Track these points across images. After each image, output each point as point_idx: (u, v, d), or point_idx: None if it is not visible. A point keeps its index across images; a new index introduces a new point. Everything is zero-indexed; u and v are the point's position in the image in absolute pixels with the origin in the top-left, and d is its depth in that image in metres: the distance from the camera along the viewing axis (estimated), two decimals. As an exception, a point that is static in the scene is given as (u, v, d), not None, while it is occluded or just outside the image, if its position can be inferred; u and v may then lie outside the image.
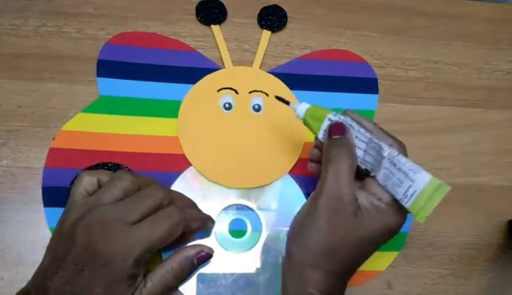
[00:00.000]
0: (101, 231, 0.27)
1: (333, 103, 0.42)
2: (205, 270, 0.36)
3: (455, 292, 0.40)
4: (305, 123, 0.32)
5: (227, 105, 0.40)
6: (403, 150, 0.29)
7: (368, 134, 0.29)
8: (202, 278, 0.36)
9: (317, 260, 0.28)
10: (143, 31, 0.41)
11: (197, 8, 0.43)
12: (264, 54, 0.43)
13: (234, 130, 0.40)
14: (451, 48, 0.47)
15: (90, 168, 0.37)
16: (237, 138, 0.40)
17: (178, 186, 0.38)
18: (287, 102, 0.33)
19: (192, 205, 0.35)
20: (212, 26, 0.43)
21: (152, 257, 0.30)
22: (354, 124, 0.30)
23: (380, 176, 0.28)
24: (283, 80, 0.42)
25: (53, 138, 0.37)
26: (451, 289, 0.40)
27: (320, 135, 0.31)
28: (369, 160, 0.29)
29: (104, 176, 0.31)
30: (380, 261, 0.40)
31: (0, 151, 0.37)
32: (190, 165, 0.38)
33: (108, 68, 0.40)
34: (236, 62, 0.42)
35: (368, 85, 0.44)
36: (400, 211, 0.28)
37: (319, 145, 0.33)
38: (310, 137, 0.41)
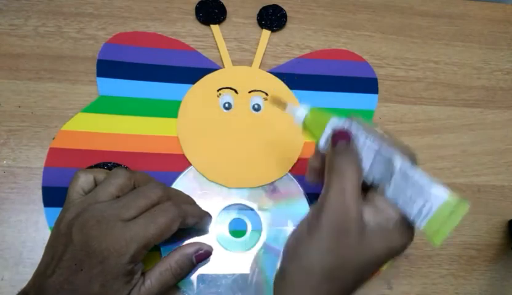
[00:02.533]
0: (97, 228, 0.27)
1: (333, 103, 0.42)
2: (205, 270, 0.36)
3: (455, 292, 0.40)
4: (305, 128, 0.29)
5: (227, 105, 0.40)
6: (414, 160, 0.26)
7: (377, 143, 0.25)
8: (202, 278, 0.36)
9: (318, 283, 0.25)
10: (143, 31, 0.41)
11: (196, 8, 0.43)
12: (264, 54, 0.43)
13: (234, 130, 0.40)
14: (451, 48, 0.47)
15: (90, 168, 0.37)
16: (237, 138, 0.40)
17: (178, 186, 0.38)
18: (284, 106, 0.30)
19: (190, 202, 0.35)
20: (211, 25, 0.43)
21: (151, 254, 0.29)
22: (360, 131, 0.26)
23: (390, 190, 0.25)
24: (283, 80, 0.42)
25: (53, 138, 0.37)
26: (451, 289, 0.40)
27: (322, 143, 0.28)
28: (377, 171, 0.26)
29: (100, 174, 0.31)
30: (380, 261, 0.39)
31: (0, 151, 0.37)
32: (190, 164, 0.38)
33: (107, 68, 0.40)
34: (236, 62, 0.42)
35: (368, 85, 0.43)
36: (408, 231, 0.25)
37: (320, 153, 0.29)
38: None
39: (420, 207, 0.23)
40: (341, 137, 0.26)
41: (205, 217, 0.35)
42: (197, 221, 0.34)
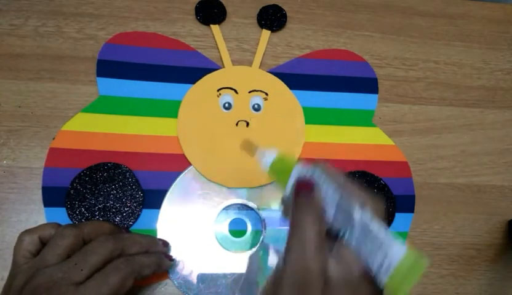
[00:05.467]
0: None
1: (333, 103, 0.42)
2: (205, 270, 0.36)
3: (455, 292, 0.40)
4: (272, 176, 0.28)
5: (227, 105, 0.40)
6: (378, 208, 0.25)
7: (338, 193, 0.24)
8: (202, 278, 0.36)
9: None
10: (143, 31, 0.41)
11: (196, 8, 0.43)
12: (264, 54, 0.43)
13: (234, 130, 0.40)
14: (451, 48, 0.47)
15: (91, 168, 0.37)
16: (237, 138, 0.40)
17: (178, 186, 0.38)
18: (254, 152, 0.29)
19: (148, 245, 0.33)
20: (211, 25, 0.43)
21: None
22: (323, 179, 0.25)
23: (352, 241, 0.24)
24: (283, 80, 0.42)
25: (53, 138, 0.37)
26: (451, 289, 0.40)
27: (288, 192, 0.26)
28: (340, 222, 0.24)
29: (45, 230, 0.30)
30: (380, 261, 0.39)
31: (0, 151, 0.37)
32: (190, 164, 0.38)
33: (108, 68, 0.40)
34: (236, 62, 0.42)
35: (368, 85, 0.43)
36: (374, 284, 0.23)
37: (286, 202, 0.28)
38: (310, 138, 0.41)
39: (380, 262, 0.22)
40: (303, 187, 0.25)
41: (162, 263, 0.33)
42: (155, 269, 0.32)
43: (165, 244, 0.35)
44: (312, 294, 0.23)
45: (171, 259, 0.35)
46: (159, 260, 0.33)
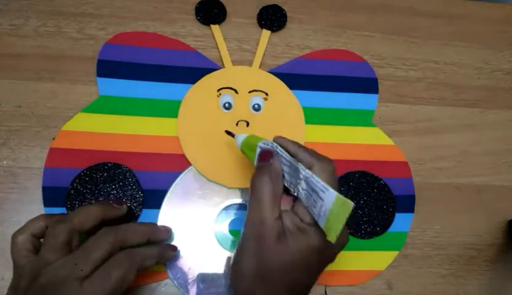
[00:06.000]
0: (53, 294, 0.27)
1: (333, 103, 0.42)
2: (205, 270, 0.36)
3: (455, 292, 0.40)
4: (243, 152, 0.33)
5: (227, 105, 0.40)
6: (327, 170, 0.28)
7: (289, 157, 0.29)
8: (202, 278, 0.36)
9: (251, 287, 0.27)
10: (143, 31, 0.41)
11: (196, 8, 0.43)
12: (264, 54, 0.43)
13: (234, 130, 0.40)
14: (451, 48, 0.47)
15: (91, 168, 0.37)
16: (237, 138, 0.40)
17: (178, 186, 0.38)
18: (232, 135, 0.35)
19: (149, 233, 0.33)
20: (211, 25, 0.43)
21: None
22: (279, 149, 0.30)
23: (302, 196, 0.28)
24: (283, 80, 0.42)
25: (53, 138, 0.37)
26: (451, 289, 0.40)
27: (255, 163, 0.31)
28: (292, 182, 0.29)
29: (35, 226, 0.30)
30: (380, 261, 0.40)
31: (0, 151, 0.37)
32: (190, 164, 0.38)
33: (108, 68, 0.40)
34: (236, 62, 0.42)
35: (368, 85, 0.43)
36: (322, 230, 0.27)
37: None
38: (310, 138, 0.41)
39: (319, 209, 0.26)
40: (263, 157, 0.30)
41: (164, 253, 0.34)
42: (157, 260, 0.33)
43: (167, 229, 0.36)
44: (268, 241, 0.27)
45: (174, 248, 0.35)
46: (161, 250, 0.34)
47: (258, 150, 0.31)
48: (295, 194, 0.29)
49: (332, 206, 0.25)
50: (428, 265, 0.40)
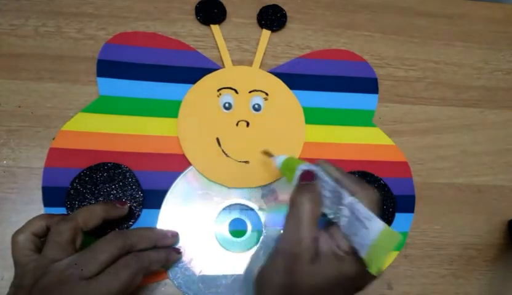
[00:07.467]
0: (58, 292, 0.26)
1: (333, 103, 0.42)
2: (205, 270, 0.36)
3: (455, 292, 0.40)
4: (282, 173, 0.34)
5: (227, 105, 0.40)
6: (372, 199, 0.28)
7: (333, 183, 0.28)
8: (202, 278, 0.36)
9: None
10: (143, 31, 0.41)
11: (196, 8, 0.43)
12: (264, 54, 0.43)
13: (234, 130, 0.40)
14: (451, 48, 0.47)
15: (91, 168, 0.37)
16: (237, 138, 0.40)
17: (178, 186, 0.38)
18: (271, 156, 0.35)
19: (156, 239, 0.34)
20: (211, 25, 0.43)
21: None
22: (322, 173, 0.30)
23: (344, 224, 0.27)
24: (283, 80, 0.42)
25: (53, 138, 0.37)
26: (451, 289, 0.40)
27: (294, 184, 0.31)
28: (332, 208, 0.28)
29: (36, 225, 0.30)
30: (380, 261, 0.40)
31: (0, 151, 0.37)
32: (190, 164, 0.38)
33: (107, 68, 0.40)
34: (236, 62, 0.42)
35: (368, 85, 0.43)
36: (360, 260, 0.26)
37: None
38: (310, 138, 0.41)
39: (362, 238, 0.25)
40: (305, 177, 0.30)
41: (170, 258, 0.35)
42: (164, 264, 0.33)
43: (174, 235, 0.36)
44: (302, 261, 0.27)
45: (178, 251, 0.35)
46: (168, 255, 0.34)
47: (299, 172, 0.31)
48: (334, 220, 0.28)
49: (378, 236, 0.24)
50: (427, 265, 0.40)
